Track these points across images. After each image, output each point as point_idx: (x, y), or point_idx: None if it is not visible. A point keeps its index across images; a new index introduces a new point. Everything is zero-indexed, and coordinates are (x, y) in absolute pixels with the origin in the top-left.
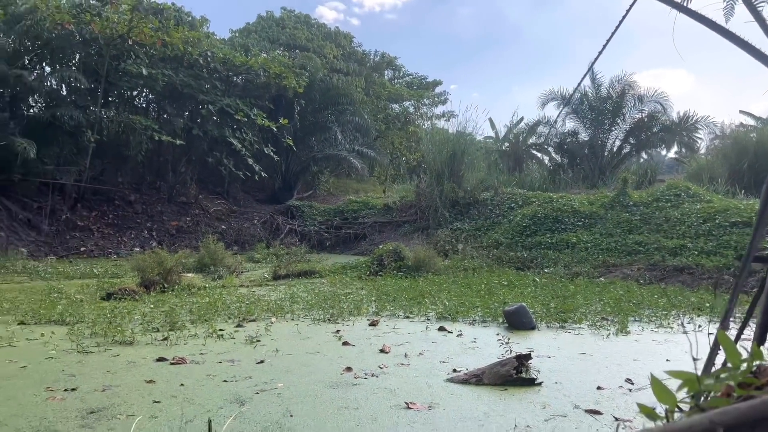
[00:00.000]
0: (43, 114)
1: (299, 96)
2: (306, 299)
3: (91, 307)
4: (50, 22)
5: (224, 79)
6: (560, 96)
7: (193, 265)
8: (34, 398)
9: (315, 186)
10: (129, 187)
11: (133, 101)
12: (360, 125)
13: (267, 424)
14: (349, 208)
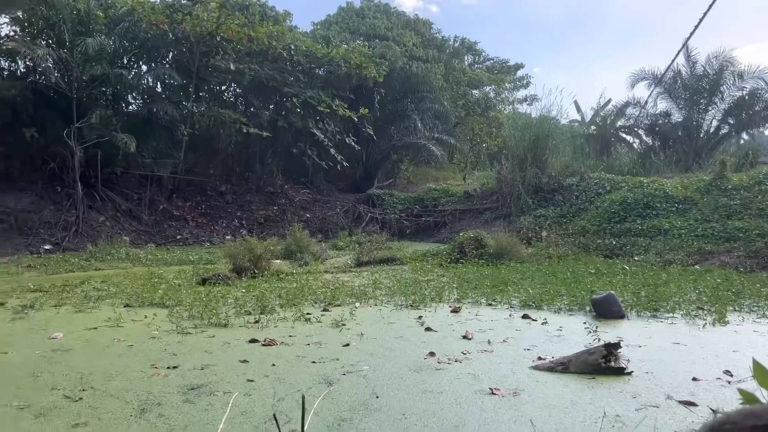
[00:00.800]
0: (140, 110)
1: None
2: (388, 285)
3: (188, 291)
4: (146, 22)
5: (307, 72)
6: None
7: (281, 252)
8: (141, 374)
9: (395, 174)
10: (220, 178)
11: (222, 96)
12: (439, 112)
13: (354, 405)
14: (429, 196)
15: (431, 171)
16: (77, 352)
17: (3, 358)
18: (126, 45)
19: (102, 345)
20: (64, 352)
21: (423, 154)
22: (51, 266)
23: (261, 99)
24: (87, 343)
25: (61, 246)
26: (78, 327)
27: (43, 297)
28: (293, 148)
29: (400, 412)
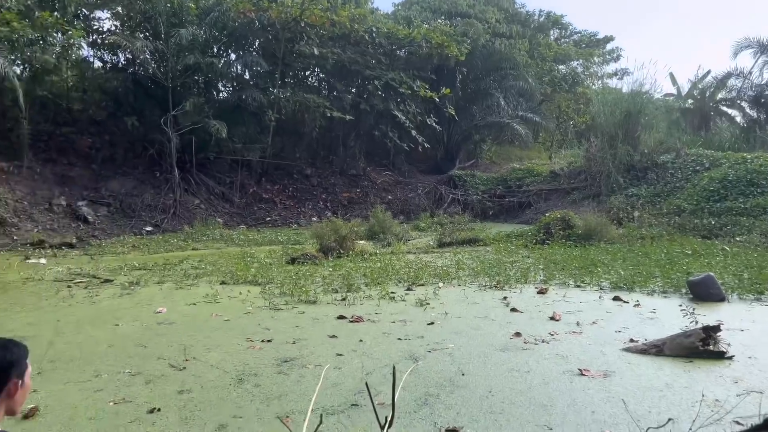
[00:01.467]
0: (230, 97)
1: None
2: (471, 266)
3: (279, 270)
4: (234, 11)
5: (388, 54)
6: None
7: (364, 233)
8: (237, 347)
9: (477, 155)
10: (305, 161)
11: (306, 81)
12: (523, 90)
13: (441, 381)
14: (513, 176)
15: (515, 150)
16: (179, 326)
17: (115, 329)
18: (216, 34)
19: (201, 319)
20: (168, 325)
21: (506, 134)
22: (152, 246)
23: (343, 83)
24: (188, 317)
25: (161, 227)
26: (179, 302)
27: (147, 274)
28: (375, 131)
29: (486, 389)
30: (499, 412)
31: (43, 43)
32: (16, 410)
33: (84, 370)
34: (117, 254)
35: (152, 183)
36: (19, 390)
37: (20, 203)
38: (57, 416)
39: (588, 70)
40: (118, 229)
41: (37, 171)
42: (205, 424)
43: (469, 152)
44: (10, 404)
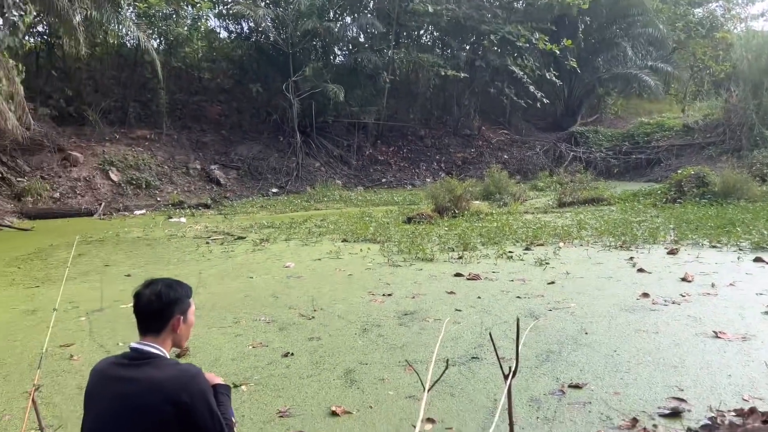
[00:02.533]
0: (346, 61)
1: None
2: (594, 226)
3: (396, 228)
4: None
5: (505, 6)
6: None
7: (480, 194)
8: (360, 300)
9: (601, 110)
10: (419, 122)
11: (420, 40)
12: (653, 37)
13: (562, 339)
14: (640, 131)
15: (643, 104)
16: (307, 279)
17: (249, 281)
18: None
19: (326, 274)
20: (296, 279)
21: (633, 86)
22: (278, 207)
23: (458, 39)
24: (313, 271)
25: (285, 189)
26: (305, 258)
27: (275, 232)
28: (490, 88)
29: (611, 349)
30: (625, 371)
31: (176, 17)
32: (182, 344)
33: (225, 317)
34: (247, 213)
35: (276, 147)
36: (182, 325)
37: (161, 167)
38: (205, 356)
39: (729, 13)
40: (246, 190)
41: (174, 138)
42: (334, 368)
43: (592, 107)
44: (175, 338)
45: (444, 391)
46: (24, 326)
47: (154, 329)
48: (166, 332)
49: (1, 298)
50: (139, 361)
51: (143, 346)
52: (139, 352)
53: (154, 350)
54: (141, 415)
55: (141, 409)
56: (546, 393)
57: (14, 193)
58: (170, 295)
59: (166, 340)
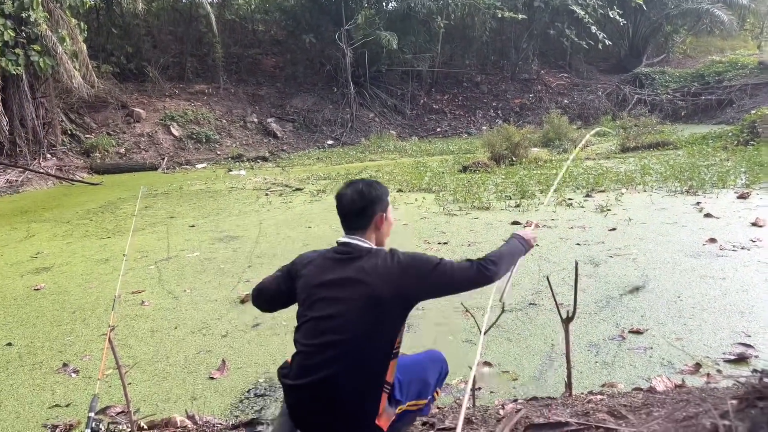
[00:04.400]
0: (399, 6)
1: None
2: (659, 171)
3: (451, 178)
4: None
5: None
6: None
7: (538, 140)
8: (417, 247)
9: (668, 49)
10: (475, 68)
11: None
12: None
13: (624, 285)
14: (711, 71)
15: (714, 41)
16: None
17: (308, 231)
18: None
19: None
20: None
21: (705, 22)
22: (334, 158)
23: None
24: None
25: (340, 140)
26: None
27: (332, 183)
28: (550, 29)
29: (674, 295)
30: (689, 317)
31: None
32: (383, 242)
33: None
34: (304, 165)
35: (330, 98)
36: (384, 222)
37: (219, 121)
38: None
39: None
40: (303, 143)
41: (231, 91)
42: None
43: (659, 46)
44: (378, 236)
45: (501, 336)
46: (98, 274)
47: (358, 227)
48: (370, 230)
49: (77, 249)
50: (353, 254)
51: (353, 240)
52: (351, 246)
53: (366, 244)
54: (373, 307)
55: (372, 301)
56: (605, 338)
57: (83, 149)
58: (372, 193)
59: (371, 238)
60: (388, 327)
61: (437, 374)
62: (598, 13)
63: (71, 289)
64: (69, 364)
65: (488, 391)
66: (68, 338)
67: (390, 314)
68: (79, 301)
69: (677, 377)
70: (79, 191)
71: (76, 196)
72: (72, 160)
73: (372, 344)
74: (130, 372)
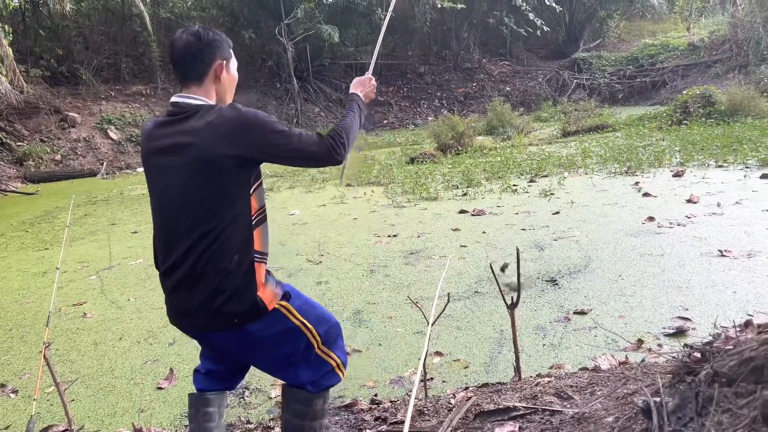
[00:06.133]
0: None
1: None
2: (599, 153)
3: (399, 170)
4: None
5: None
6: None
7: (483, 128)
8: (366, 242)
9: (603, 34)
10: (418, 59)
11: None
12: None
13: (567, 267)
14: (645, 54)
15: (646, 25)
16: (312, 225)
17: None
18: None
19: (331, 219)
20: (302, 225)
21: (636, 6)
22: None
23: None
24: (319, 217)
25: None
26: (310, 204)
27: (279, 181)
28: (489, 18)
29: (615, 274)
30: (630, 295)
31: None
32: (225, 98)
33: None
34: None
35: (274, 94)
36: (225, 74)
37: None
38: None
39: None
40: None
41: (170, 91)
42: (343, 309)
43: (594, 32)
44: (219, 89)
45: (450, 325)
46: (36, 288)
47: (195, 76)
48: (208, 81)
49: (12, 262)
50: (181, 115)
51: (184, 99)
52: (180, 106)
53: (198, 101)
54: (205, 169)
55: (202, 162)
56: (551, 321)
57: (16, 158)
58: (209, 35)
59: (210, 91)
60: (234, 190)
61: (326, 326)
62: (535, 1)
63: (7, 305)
64: (7, 384)
65: (440, 381)
66: (5, 357)
67: (229, 175)
68: (17, 317)
69: (621, 355)
70: (13, 202)
71: (10, 207)
72: (4, 169)
73: (223, 212)
74: (73, 388)
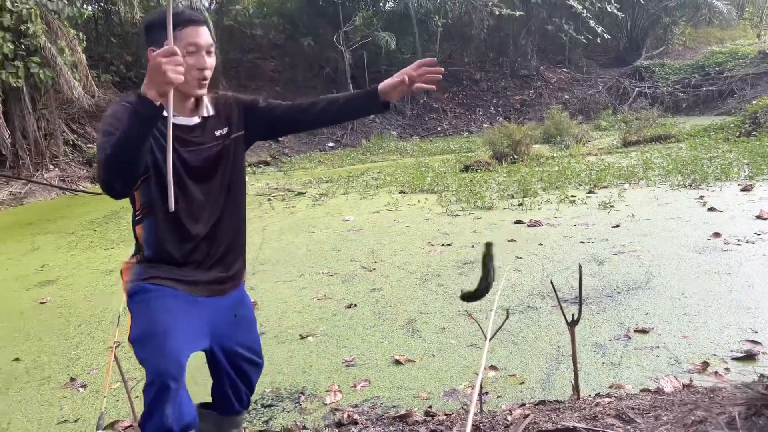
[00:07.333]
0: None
1: None
2: (662, 165)
3: (453, 177)
4: None
5: None
6: None
7: (540, 137)
8: (420, 250)
9: (667, 41)
10: (474, 66)
11: None
12: None
13: (627, 282)
14: (711, 62)
15: (714, 32)
16: (366, 232)
17: (311, 235)
18: None
19: (384, 226)
20: (356, 232)
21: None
22: (335, 161)
23: None
24: (372, 224)
25: (341, 143)
26: (364, 211)
27: (334, 186)
28: (548, 25)
29: (678, 292)
30: (694, 314)
31: None
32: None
33: (289, 271)
34: (306, 169)
35: None
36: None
37: None
38: (272, 310)
39: None
40: (304, 146)
41: None
42: (395, 318)
43: (658, 39)
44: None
45: (505, 339)
46: (104, 286)
47: None
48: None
49: (81, 260)
50: None
51: None
52: None
53: None
54: None
55: None
56: (611, 338)
57: (85, 159)
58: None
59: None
60: None
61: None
62: (596, 7)
63: (77, 302)
64: (76, 378)
65: (495, 396)
66: (75, 352)
67: None
68: (85, 314)
69: (685, 377)
70: (83, 201)
71: (80, 207)
72: (74, 170)
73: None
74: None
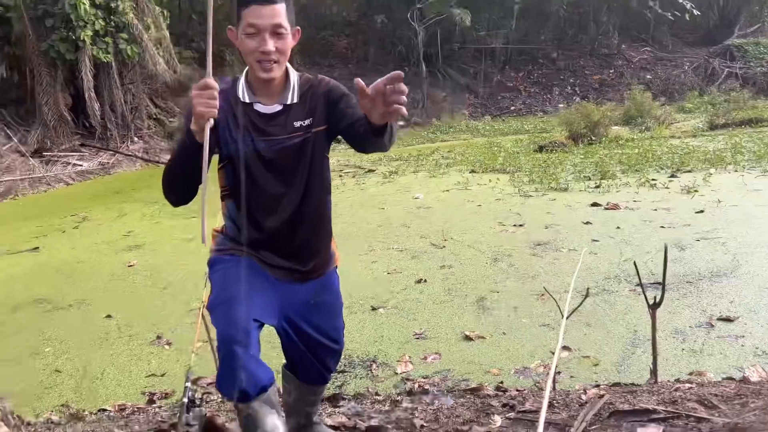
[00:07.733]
0: None
1: None
2: (752, 149)
3: (526, 158)
4: None
5: None
6: None
7: (619, 118)
8: (491, 230)
9: (763, 18)
10: (551, 44)
11: None
12: None
13: (711, 270)
14: None
15: None
16: (436, 210)
17: (381, 212)
18: None
19: (455, 204)
20: (426, 209)
21: None
22: (405, 139)
23: None
24: (442, 202)
25: (411, 121)
26: (433, 189)
27: (404, 165)
28: (631, 1)
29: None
30: None
31: None
32: None
33: (361, 245)
34: None
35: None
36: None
37: None
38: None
39: None
40: None
41: None
42: (465, 295)
43: (753, 15)
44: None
45: (579, 321)
46: (186, 252)
47: None
48: None
49: (165, 228)
50: None
51: None
52: None
53: None
54: None
55: None
56: (692, 325)
57: (167, 133)
58: None
59: None
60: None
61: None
62: None
63: (162, 267)
64: (162, 336)
65: (568, 376)
66: (162, 313)
67: None
68: (169, 278)
69: None
70: None
71: None
72: (157, 143)
73: None
74: None
